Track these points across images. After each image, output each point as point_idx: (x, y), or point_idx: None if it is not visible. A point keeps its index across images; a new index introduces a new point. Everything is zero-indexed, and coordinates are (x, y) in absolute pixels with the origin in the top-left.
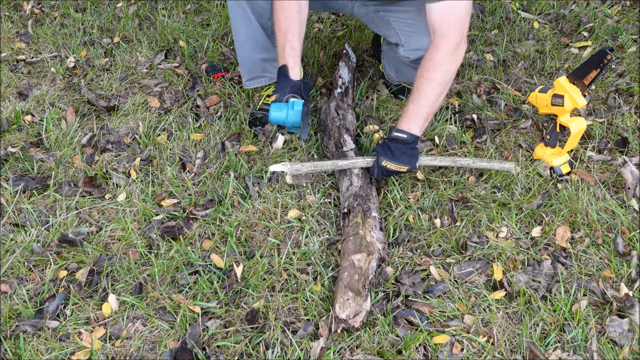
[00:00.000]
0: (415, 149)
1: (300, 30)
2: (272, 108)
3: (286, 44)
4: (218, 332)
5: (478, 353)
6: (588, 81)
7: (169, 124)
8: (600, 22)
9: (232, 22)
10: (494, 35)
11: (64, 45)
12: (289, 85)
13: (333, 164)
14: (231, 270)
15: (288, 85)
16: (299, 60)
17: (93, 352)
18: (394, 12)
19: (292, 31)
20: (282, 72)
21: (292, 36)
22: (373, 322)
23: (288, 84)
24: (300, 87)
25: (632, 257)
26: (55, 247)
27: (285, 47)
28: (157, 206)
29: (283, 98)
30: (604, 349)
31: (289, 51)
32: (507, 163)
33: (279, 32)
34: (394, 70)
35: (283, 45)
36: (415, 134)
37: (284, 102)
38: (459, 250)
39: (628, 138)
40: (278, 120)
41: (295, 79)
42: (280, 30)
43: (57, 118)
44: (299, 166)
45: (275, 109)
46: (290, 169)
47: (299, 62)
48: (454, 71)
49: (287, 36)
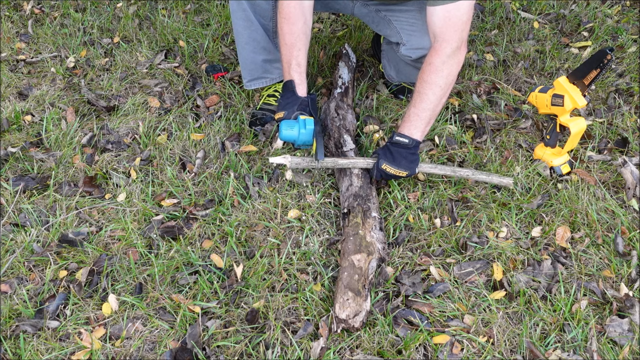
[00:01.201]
0: (416, 154)
1: (306, 45)
2: (283, 126)
3: (292, 60)
4: (218, 332)
5: (478, 353)
6: (588, 81)
7: (169, 124)
8: (600, 22)
9: (233, 23)
10: (494, 35)
11: (64, 45)
12: (296, 102)
13: (334, 162)
14: (231, 270)
15: (296, 102)
16: (305, 76)
17: (93, 352)
18: (395, 11)
19: (298, 46)
20: (289, 87)
21: (298, 51)
22: (373, 322)
23: (296, 100)
24: (308, 103)
25: (632, 257)
26: (55, 247)
27: (292, 63)
28: (157, 206)
29: (292, 115)
30: (604, 349)
31: (295, 67)
32: (506, 178)
33: (284, 46)
34: (395, 70)
35: (289, 60)
36: (417, 139)
37: (293, 120)
38: (459, 250)
39: (628, 138)
40: (289, 138)
41: (302, 95)
42: (285, 44)
43: (57, 118)
44: (299, 160)
45: (286, 126)
46: (291, 161)
47: (305, 78)
48: (455, 74)
49: (293, 52)
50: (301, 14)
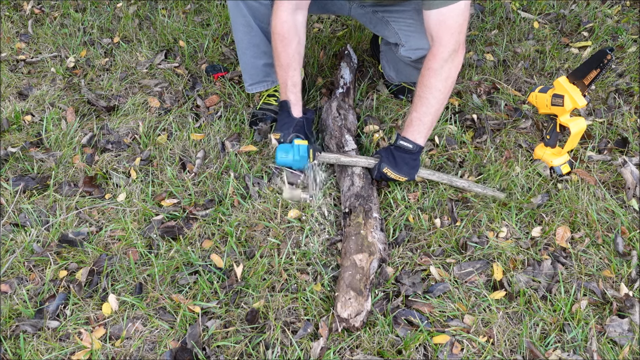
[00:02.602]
0: (417, 159)
1: (300, 63)
2: (279, 150)
3: (287, 80)
4: (218, 332)
5: (478, 353)
6: (588, 81)
7: (169, 124)
8: (600, 22)
9: (233, 29)
10: (494, 35)
11: (64, 45)
12: (292, 124)
13: (336, 158)
14: (231, 270)
15: (291, 124)
16: (300, 95)
17: (93, 352)
18: (392, 12)
19: (294, 67)
20: (284, 108)
21: (294, 71)
22: (373, 322)
23: (291, 122)
24: (304, 125)
25: (632, 257)
26: (55, 247)
27: (287, 84)
28: (157, 206)
29: (287, 138)
30: (604, 349)
31: (291, 88)
32: (500, 193)
33: (279, 67)
34: (394, 71)
35: (284, 81)
36: (420, 144)
37: (289, 144)
38: (459, 250)
39: (628, 138)
40: (285, 163)
41: (298, 116)
42: (280, 65)
43: (57, 118)
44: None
45: (282, 152)
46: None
47: (300, 97)
48: (454, 77)
49: (289, 72)
50: (295, 33)
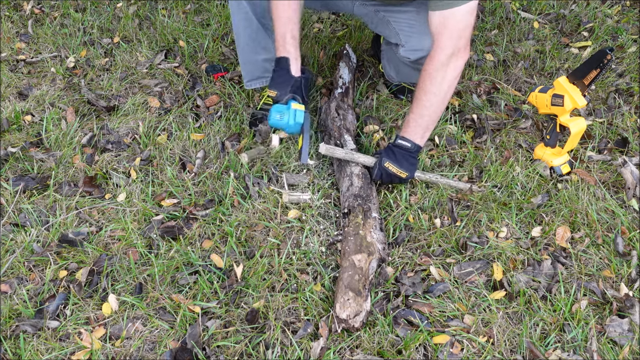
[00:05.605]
0: (416, 158)
1: (300, 19)
2: (273, 110)
3: (287, 33)
4: (218, 332)
5: (478, 353)
6: (588, 81)
7: (169, 124)
8: (600, 22)
9: (233, 24)
10: (494, 35)
11: (64, 45)
12: (289, 83)
13: (333, 150)
14: (231, 270)
15: (289, 83)
16: (299, 52)
17: (93, 352)
18: (394, 12)
19: (294, 20)
20: (283, 65)
21: (294, 25)
22: (373, 322)
23: (289, 80)
24: (301, 84)
25: (632, 257)
26: (55, 247)
27: (286, 37)
28: (157, 206)
29: (284, 98)
30: (604, 349)
31: (291, 40)
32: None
33: (277, 20)
34: (394, 70)
35: (283, 34)
36: (418, 144)
37: (284, 104)
38: (459, 250)
39: (628, 138)
40: (278, 125)
41: (296, 75)
42: (279, 17)
43: (57, 118)
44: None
45: (276, 112)
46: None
47: (299, 54)
48: (451, 81)
49: (288, 25)
50: None
